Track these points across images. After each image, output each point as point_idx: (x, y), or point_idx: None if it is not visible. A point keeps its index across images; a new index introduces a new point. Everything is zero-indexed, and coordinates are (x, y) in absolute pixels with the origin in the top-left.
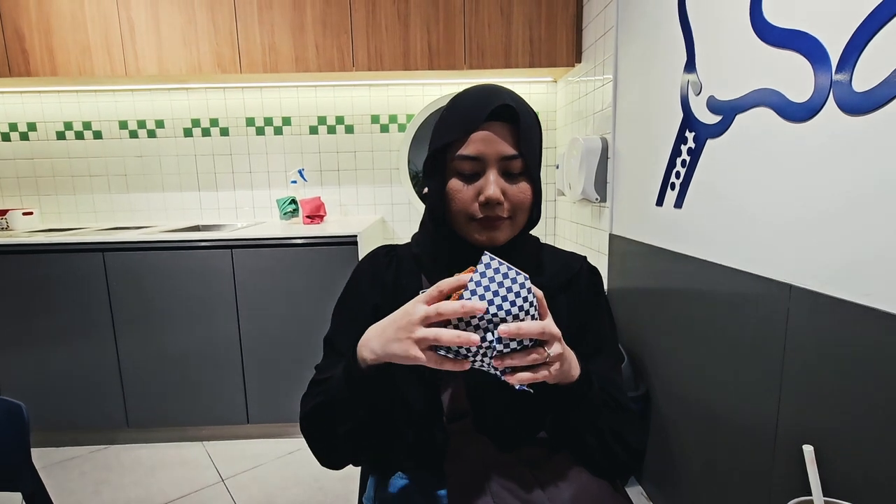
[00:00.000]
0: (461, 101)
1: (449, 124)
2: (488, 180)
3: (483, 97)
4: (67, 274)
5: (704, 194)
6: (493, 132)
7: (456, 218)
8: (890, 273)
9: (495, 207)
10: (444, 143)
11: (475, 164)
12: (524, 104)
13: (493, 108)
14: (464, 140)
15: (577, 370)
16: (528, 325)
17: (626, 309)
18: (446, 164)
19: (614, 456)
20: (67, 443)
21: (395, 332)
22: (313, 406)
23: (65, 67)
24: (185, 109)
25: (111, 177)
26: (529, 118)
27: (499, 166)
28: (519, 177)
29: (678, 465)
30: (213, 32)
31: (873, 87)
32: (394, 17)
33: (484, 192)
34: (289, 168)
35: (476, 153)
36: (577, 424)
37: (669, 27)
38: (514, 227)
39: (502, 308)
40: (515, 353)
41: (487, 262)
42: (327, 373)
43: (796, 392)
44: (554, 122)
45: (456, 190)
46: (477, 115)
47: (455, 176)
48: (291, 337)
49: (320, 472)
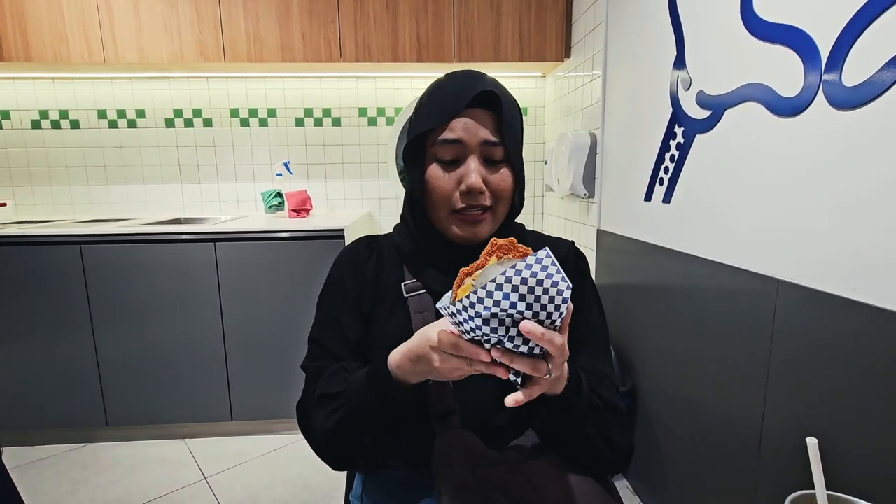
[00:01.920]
0: (442, 86)
1: (429, 110)
2: (469, 168)
3: (465, 82)
4: (43, 267)
5: (693, 189)
6: (475, 118)
7: (436, 210)
8: (877, 267)
9: (477, 196)
10: (425, 129)
11: (456, 148)
12: (506, 91)
13: (475, 93)
14: (444, 125)
15: (563, 384)
16: (552, 335)
17: (614, 304)
18: (426, 151)
19: (601, 456)
20: (42, 442)
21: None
22: (337, 422)
23: (40, 53)
24: (167, 99)
25: (89, 168)
26: (511, 105)
27: (480, 152)
28: (500, 164)
29: (665, 459)
30: (196, 19)
31: (863, 82)
32: (382, 7)
33: (465, 180)
34: (274, 161)
35: (457, 137)
36: (564, 429)
37: (659, 22)
38: (496, 220)
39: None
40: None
41: (543, 257)
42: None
43: (783, 386)
44: (542, 118)
45: (436, 177)
46: (459, 100)
47: (435, 162)
48: (276, 332)
49: (305, 469)
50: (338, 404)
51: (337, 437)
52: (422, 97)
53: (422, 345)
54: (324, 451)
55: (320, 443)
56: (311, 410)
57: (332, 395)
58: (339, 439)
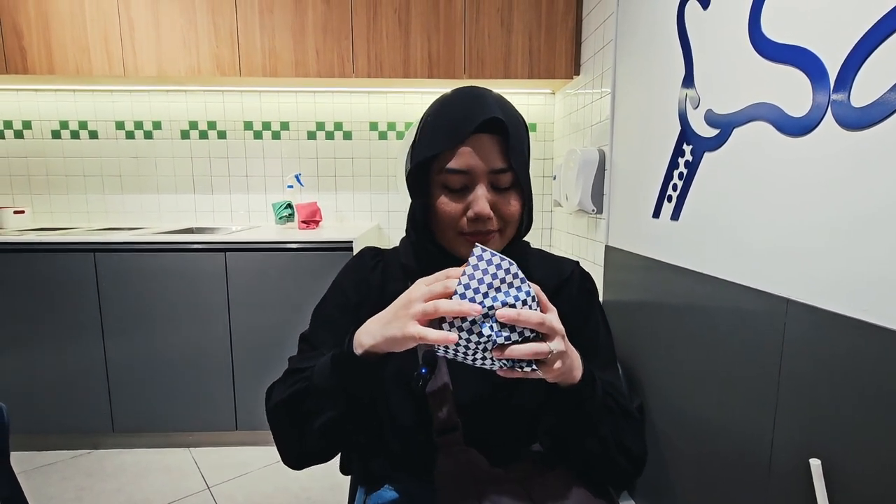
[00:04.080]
0: (446, 109)
1: (434, 135)
2: (477, 195)
3: (470, 107)
4: (57, 274)
5: (701, 207)
6: (482, 144)
7: (443, 232)
8: (887, 288)
9: (485, 222)
10: (430, 154)
11: (463, 177)
12: (513, 112)
13: (480, 121)
14: (450, 152)
15: (579, 371)
16: (528, 312)
17: (622, 321)
18: (431, 177)
19: (616, 464)
20: (49, 447)
21: (395, 313)
22: (290, 393)
23: (62, 66)
24: (183, 111)
25: (105, 177)
26: (518, 127)
27: (488, 180)
28: (508, 190)
29: (673, 478)
30: (214, 35)
31: (872, 103)
32: (395, 24)
33: (473, 207)
34: (286, 173)
35: (464, 167)
36: (579, 429)
37: (668, 41)
38: (504, 240)
39: (497, 300)
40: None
41: (479, 253)
42: (304, 363)
43: (792, 406)
44: (552, 134)
45: (443, 204)
46: (464, 128)
47: (442, 191)
48: (284, 342)
49: (308, 481)
50: (298, 377)
51: (281, 411)
52: (426, 116)
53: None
54: (275, 425)
55: (273, 416)
56: (275, 386)
57: (297, 370)
58: (284, 414)
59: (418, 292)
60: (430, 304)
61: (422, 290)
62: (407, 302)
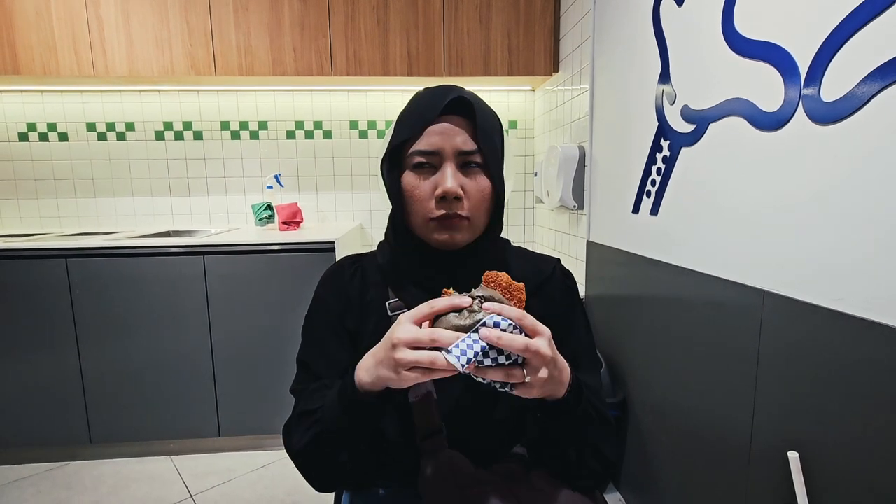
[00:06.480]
0: (416, 101)
1: (404, 124)
2: (445, 174)
3: (439, 92)
4: (28, 282)
5: (679, 202)
6: (451, 126)
7: (415, 219)
8: (860, 278)
9: (453, 203)
10: (402, 139)
11: (431, 158)
12: (482, 102)
13: (448, 100)
14: (419, 134)
15: (565, 386)
16: (510, 337)
17: (604, 316)
18: (402, 162)
19: (590, 470)
20: (23, 460)
21: (385, 353)
22: (307, 441)
23: (28, 66)
24: (157, 112)
25: (77, 180)
26: (488, 115)
27: (456, 161)
28: (477, 172)
29: (656, 471)
30: (187, 33)
31: (841, 97)
32: (373, 21)
33: (441, 185)
34: (265, 173)
35: (432, 147)
36: (561, 437)
37: (644, 38)
38: (474, 229)
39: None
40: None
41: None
42: (314, 400)
43: (770, 397)
44: (532, 131)
45: (412, 185)
46: (432, 109)
47: (410, 170)
48: (266, 345)
49: (294, 486)
50: (313, 419)
51: (313, 454)
52: (399, 114)
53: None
54: (303, 469)
55: (299, 461)
56: (292, 429)
57: (309, 412)
58: (315, 456)
59: (405, 335)
60: (411, 356)
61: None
62: (392, 346)
